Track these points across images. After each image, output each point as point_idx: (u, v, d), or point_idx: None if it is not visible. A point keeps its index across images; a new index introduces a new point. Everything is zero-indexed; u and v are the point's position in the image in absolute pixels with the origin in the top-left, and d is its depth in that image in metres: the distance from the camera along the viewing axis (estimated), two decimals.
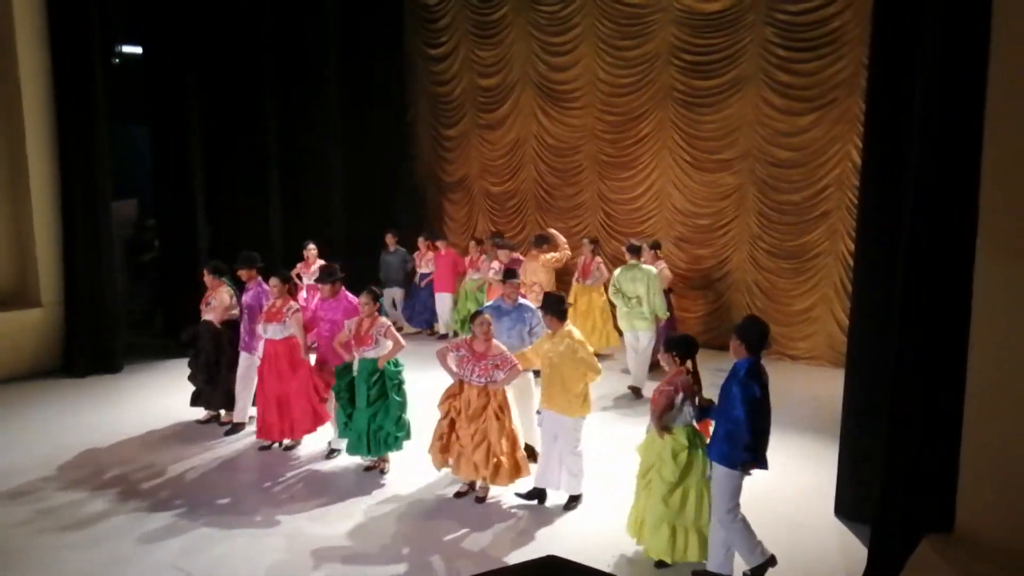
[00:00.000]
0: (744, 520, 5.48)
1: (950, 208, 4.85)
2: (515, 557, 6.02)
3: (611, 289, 9.67)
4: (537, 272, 10.80)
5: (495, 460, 6.67)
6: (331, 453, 7.94)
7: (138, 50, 13.35)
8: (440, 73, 14.11)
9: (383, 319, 7.32)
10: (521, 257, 11.38)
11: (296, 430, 8.00)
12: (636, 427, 8.43)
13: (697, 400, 5.69)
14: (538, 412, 6.91)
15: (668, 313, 9.71)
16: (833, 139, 10.50)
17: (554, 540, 6.28)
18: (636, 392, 9.60)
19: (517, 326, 7.46)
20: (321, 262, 10.10)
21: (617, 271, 9.74)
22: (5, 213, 10.68)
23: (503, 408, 6.72)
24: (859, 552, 5.81)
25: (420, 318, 12.55)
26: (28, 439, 8.41)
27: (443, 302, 12.25)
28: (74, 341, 10.69)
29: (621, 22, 12.03)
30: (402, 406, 7.36)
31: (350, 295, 8.01)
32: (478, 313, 6.83)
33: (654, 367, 9.88)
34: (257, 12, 12.25)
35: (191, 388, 8.92)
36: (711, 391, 5.82)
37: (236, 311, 8.45)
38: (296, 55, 12.74)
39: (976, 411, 4.73)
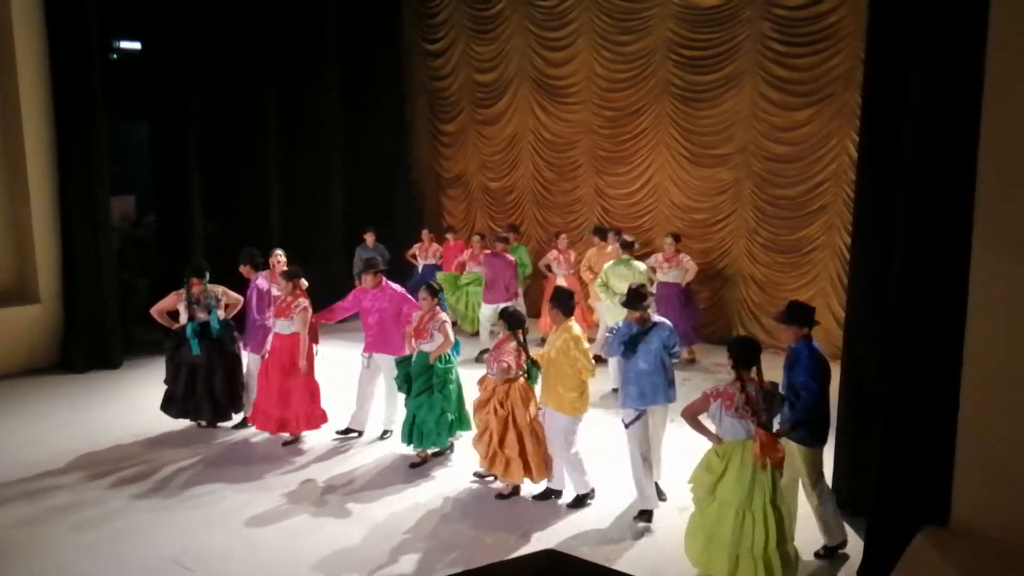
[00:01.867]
0: (831, 496, 5.85)
1: (946, 202, 4.87)
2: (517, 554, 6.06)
3: (598, 281, 9.62)
4: (601, 263, 10.88)
5: (497, 454, 6.71)
6: (347, 432, 8.24)
7: (136, 45, 13.35)
8: (437, 68, 14.11)
9: (442, 315, 7.40)
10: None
11: (294, 426, 8.04)
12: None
13: (744, 412, 5.17)
14: (539, 408, 6.84)
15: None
16: (830, 134, 10.52)
17: (554, 537, 6.32)
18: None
19: (653, 348, 6.53)
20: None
21: (607, 265, 9.69)
22: (3, 209, 10.66)
23: (503, 404, 6.70)
24: (855, 544, 5.84)
25: None
26: (27, 435, 8.42)
27: None
28: (72, 337, 10.69)
29: (618, 17, 12.03)
30: (446, 403, 7.36)
31: (394, 284, 8.19)
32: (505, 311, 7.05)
33: None
34: (256, 8, 12.25)
35: None
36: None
37: (183, 318, 8.27)
38: (295, 51, 12.73)
39: (972, 405, 4.76)
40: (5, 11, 10.19)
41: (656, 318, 6.71)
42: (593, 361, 6.66)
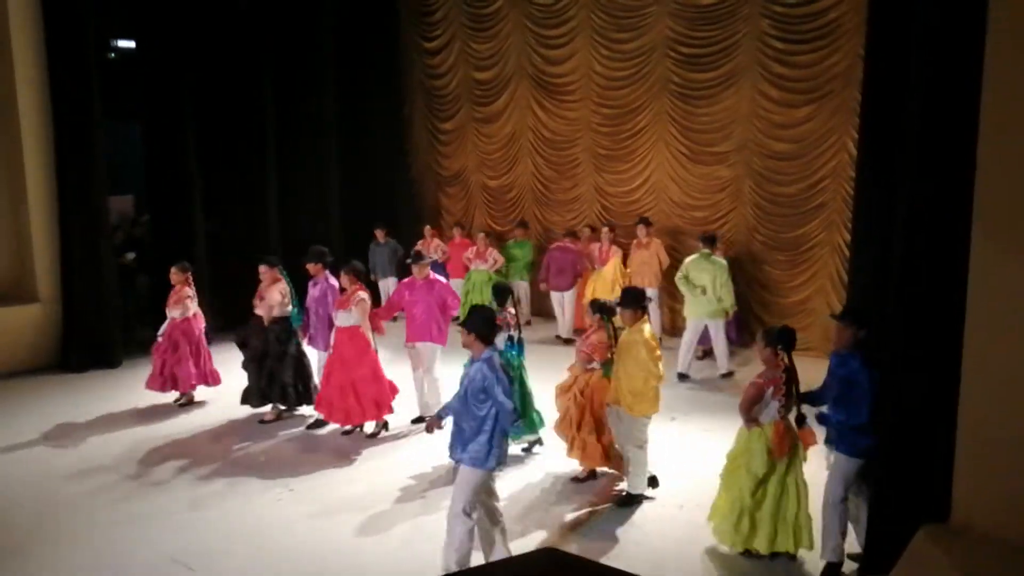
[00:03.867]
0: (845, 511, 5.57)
1: (945, 198, 4.87)
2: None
3: (679, 275, 9.95)
4: (657, 256, 11.26)
5: (575, 439, 6.95)
6: (420, 419, 8.29)
7: (131, 44, 13.30)
8: (435, 67, 14.09)
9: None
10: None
11: (358, 415, 8.14)
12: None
13: (790, 398, 5.52)
14: (607, 406, 6.82)
15: (736, 307, 9.94)
16: (829, 131, 10.52)
17: (555, 534, 6.30)
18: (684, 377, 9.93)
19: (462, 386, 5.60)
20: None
21: (688, 260, 9.97)
22: (2, 209, 10.68)
23: (583, 392, 6.92)
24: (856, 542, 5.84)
25: None
26: (27, 435, 8.41)
27: (457, 288, 12.42)
28: (72, 336, 10.69)
29: (617, 15, 12.02)
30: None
31: (441, 278, 8.40)
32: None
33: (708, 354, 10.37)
34: (253, 7, 12.23)
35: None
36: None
37: (288, 307, 8.51)
38: (292, 49, 12.71)
39: (971, 402, 4.75)
40: (2, 10, 10.19)
41: (485, 353, 5.43)
42: (661, 366, 6.55)
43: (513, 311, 7.55)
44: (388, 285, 12.85)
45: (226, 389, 9.60)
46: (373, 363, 8.10)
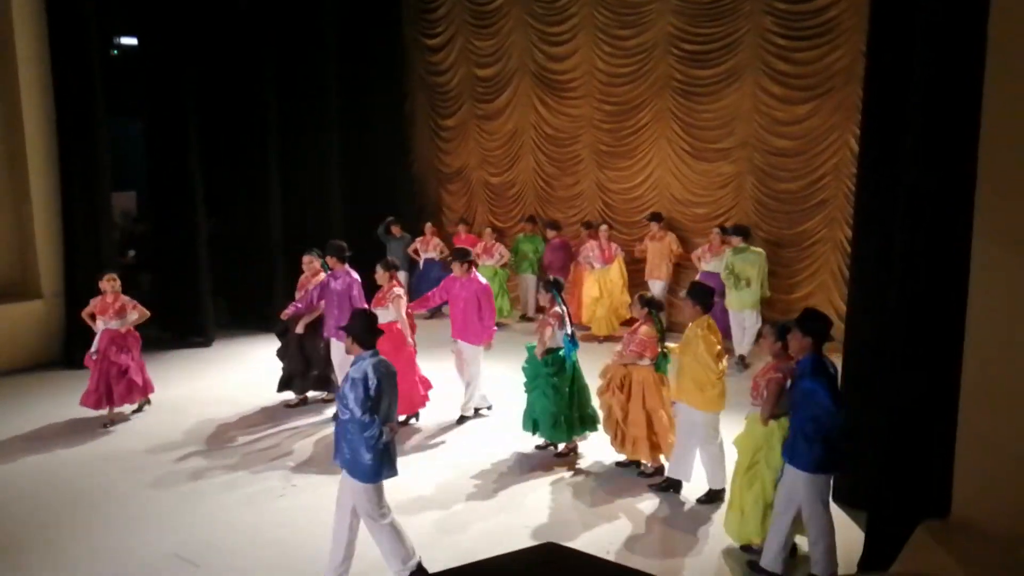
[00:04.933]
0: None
1: (947, 195, 4.88)
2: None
3: (724, 271, 10.11)
4: (671, 248, 11.52)
5: (623, 433, 7.00)
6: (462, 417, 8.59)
7: (133, 41, 13.32)
8: (437, 63, 14.09)
9: (548, 317, 7.45)
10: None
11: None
12: None
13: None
14: (673, 403, 6.80)
15: (769, 293, 10.20)
16: (831, 128, 10.52)
17: (563, 530, 6.32)
18: (742, 360, 10.19)
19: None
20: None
21: (729, 252, 10.15)
22: (5, 205, 10.69)
23: (622, 387, 6.98)
24: (856, 537, 5.85)
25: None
26: (30, 431, 8.45)
27: None
28: (74, 332, 10.70)
29: (619, 11, 12.02)
30: (548, 402, 7.37)
31: (481, 277, 8.49)
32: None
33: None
34: (254, 3, 12.23)
35: (194, 380, 8.93)
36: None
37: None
38: (294, 46, 12.69)
39: (971, 398, 4.76)
40: (6, 8, 10.21)
41: (362, 355, 5.22)
42: (723, 362, 6.45)
43: (566, 307, 7.50)
44: (400, 278, 13.00)
45: (229, 385, 9.65)
46: (409, 359, 8.15)
